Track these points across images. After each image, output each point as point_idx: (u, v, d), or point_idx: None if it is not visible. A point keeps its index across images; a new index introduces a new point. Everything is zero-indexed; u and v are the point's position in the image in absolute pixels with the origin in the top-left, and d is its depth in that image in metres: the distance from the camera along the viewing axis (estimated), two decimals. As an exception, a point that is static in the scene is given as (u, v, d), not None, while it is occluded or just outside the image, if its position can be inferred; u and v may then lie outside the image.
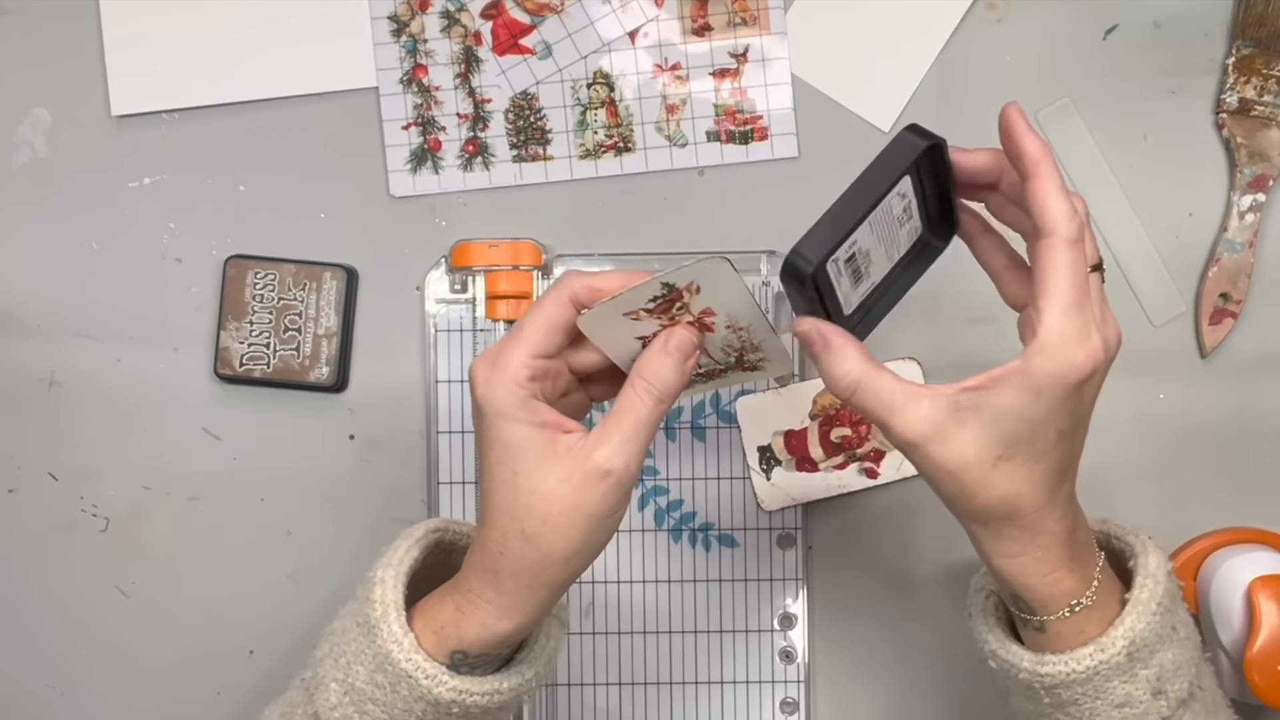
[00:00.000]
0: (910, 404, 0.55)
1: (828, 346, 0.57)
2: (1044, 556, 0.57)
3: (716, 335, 0.60)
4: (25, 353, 0.78)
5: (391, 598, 0.59)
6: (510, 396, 0.57)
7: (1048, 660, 0.58)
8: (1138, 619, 0.57)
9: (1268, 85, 0.76)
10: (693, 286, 0.57)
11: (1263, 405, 0.77)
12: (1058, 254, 0.54)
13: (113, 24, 0.78)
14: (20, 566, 0.78)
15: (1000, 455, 0.55)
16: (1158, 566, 0.59)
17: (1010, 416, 0.54)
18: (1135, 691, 0.57)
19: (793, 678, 0.77)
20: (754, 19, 0.77)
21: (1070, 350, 0.54)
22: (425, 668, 0.57)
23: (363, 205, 0.78)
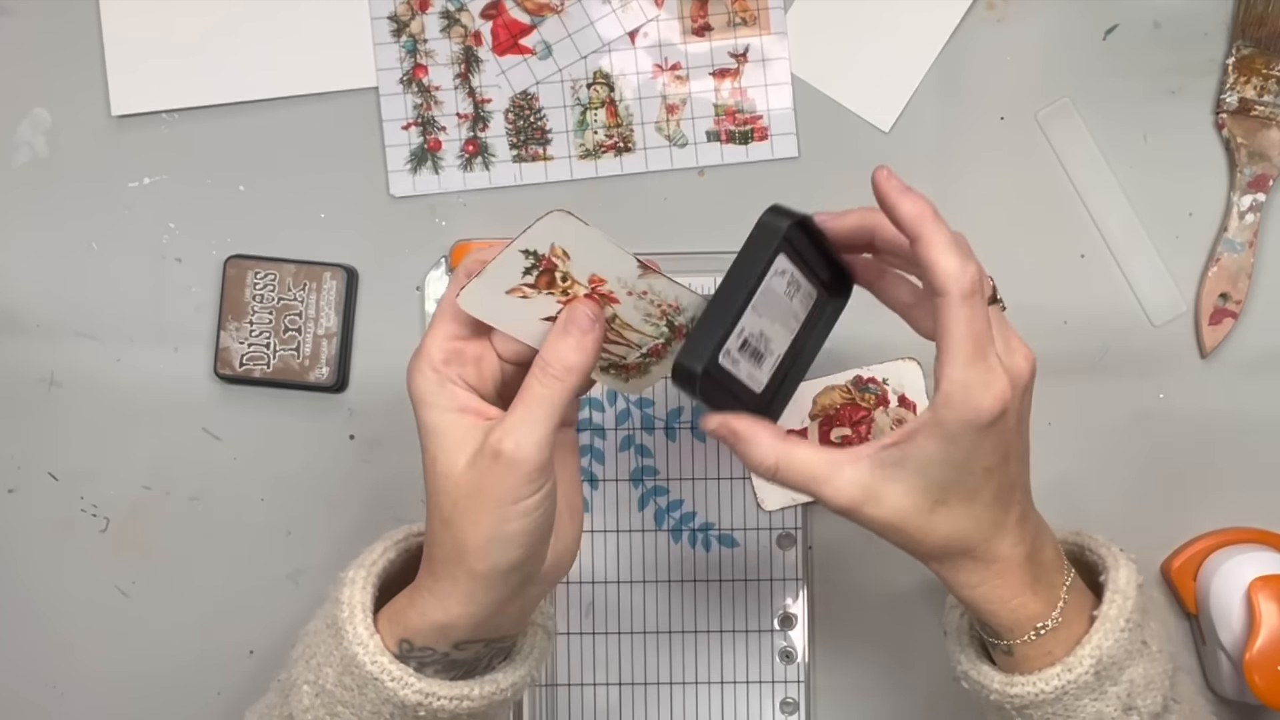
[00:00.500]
0: (834, 473, 0.57)
1: (738, 438, 0.58)
2: (1003, 584, 0.58)
3: (625, 305, 0.58)
4: (25, 353, 0.78)
5: (359, 599, 0.58)
6: (426, 382, 0.57)
7: (1017, 681, 0.58)
8: (1105, 636, 0.57)
9: (1268, 85, 0.76)
10: (555, 250, 0.56)
11: (1263, 405, 0.77)
12: (953, 312, 0.54)
13: (113, 24, 0.78)
14: (20, 566, 0.78)
15: (935, 500, 0.56)
16: (1127, 581, 0.59)
17: (933, 464, 0.55)
18: (1106, 709, 0.58)
19: (793, 678, 0.77)
20: (754, 19, 0.77)
21: (975, 398, 0.54)
22: (390, 670, 0.57)
23: (363, 205, 0.78)
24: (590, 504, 0.77)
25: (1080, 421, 0.76)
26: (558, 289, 0.57)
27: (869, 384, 0.76)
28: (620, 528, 0.77)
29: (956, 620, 0.64)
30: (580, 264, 0.57)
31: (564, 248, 0.56)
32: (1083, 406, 0.77)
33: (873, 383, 0.76)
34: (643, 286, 0.58)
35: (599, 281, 0.57)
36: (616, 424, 0.76)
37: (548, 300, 0.57)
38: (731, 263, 0.57)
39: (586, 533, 0.77)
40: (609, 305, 0.58)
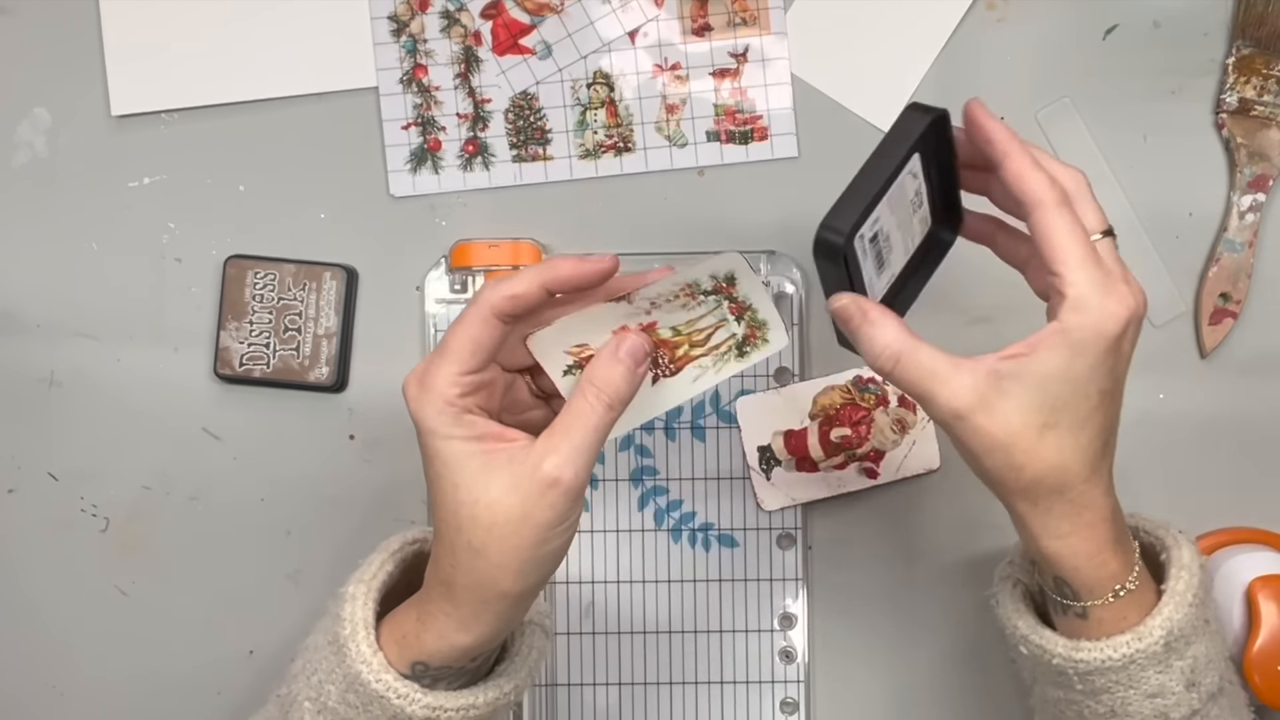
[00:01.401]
0: (954, 375, 0.55)
1: (866, 318, 0.56)
2: (1091, 535, 0.57)
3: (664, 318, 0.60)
4: (25, 353, 0.78)
5: (361, 615, 0.58)
6: (441, 415, 0.56)
7: (1083, 646, 0.58)
8: (1175, 609, 0.57)
9: (1268, 85, 0.76)
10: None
11: (1263, 405, 0.77)
12: (1049, 219, 0.54)
13: (113, 24, 0.78)
14: (20, 566, 0.78)
15: (1045, 422, 0.54)
16: (1192, 559, 0.59)
17: (1054, 379, 0.54)
18: (1169, 682, 0.58)
19: (793, 678, 0.77)
20: (754, 19, 0.77)
21: (1101, 300, 0.54)
22: (396, 687, 0.56)
23: (363, 205, 0.78)
24: (590, 504, 0.77)
25: (1080, 421, 0.76)
26: None
27: (869, 384, 0.76)
28: (620, 528, 0.77)
29: (1009, 590, 0.63)
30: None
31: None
32: (1083, 406, 0.76)
33: (873, 383, 0.76)
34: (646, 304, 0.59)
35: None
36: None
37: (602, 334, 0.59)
38: (870, 154, 0.57)
39: (586, 533, 0.77)
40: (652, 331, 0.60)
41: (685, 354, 0.61)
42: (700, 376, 0.61)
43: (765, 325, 0.60)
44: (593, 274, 0.58)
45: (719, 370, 0.61)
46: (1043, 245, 0.55)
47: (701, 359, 0.61)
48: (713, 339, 0.61)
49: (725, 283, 0.59)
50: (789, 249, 0.77)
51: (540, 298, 0.57)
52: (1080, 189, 0.57)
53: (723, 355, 0.61)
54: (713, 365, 0.61)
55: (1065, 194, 0.55)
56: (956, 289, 0.77)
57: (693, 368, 0.61)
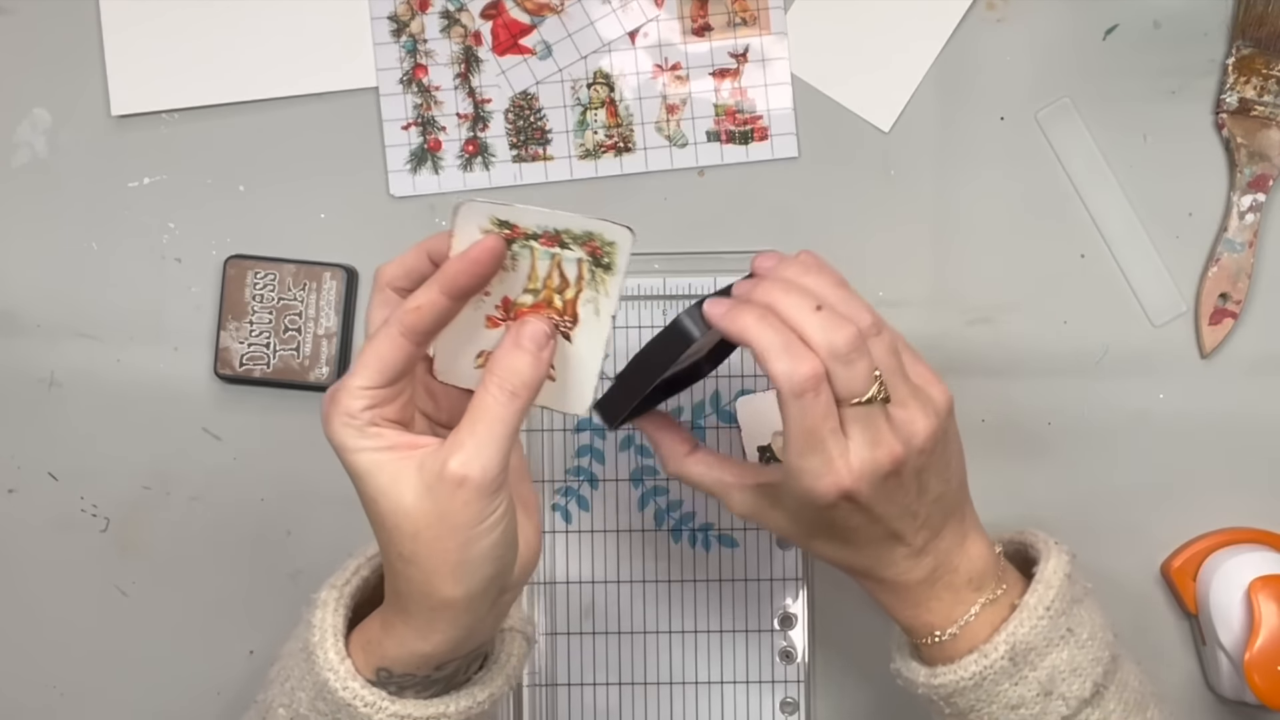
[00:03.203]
0: (726, 494, 0.63)
1: (652, 442, 0.65)
2: (895, 600, 0.62)
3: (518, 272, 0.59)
4: (25, 353, 0.78)
5: (330, 622, 0.58)
6: (345, 429, 0.55)
7: (939, 671, 0.61)
8: (1020, 624, 0.60)
9: (1268, 85, 0.76)
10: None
11: (1263, 405, 0.77)
12: (786, 409, 0.57)
13: (113, 24, 0.78)
14: (20, 566, 0.78)
15: (810, 535, 0.61)
16: (1053, 571, 0.61)
17: (798, 512, 0.60)
18: (1026, 693, 0.60)
19: (793, 678, 0.77)
20: (754, 19, 0.77)
21: (808, 484, 0.57)
22: (363, 695, 0.56)
23: (363, 205, 0.78)
24: (590, 504, 0.77)
25: (1080, 421, 0.76)
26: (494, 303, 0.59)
27: (869, 384, 0.76)
28: (620, 528, 0.77)
29: (898, 634, 0.66)
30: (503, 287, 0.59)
31: None
32: (1083, 406, 0.77)
33: (873, 383, 0.76)
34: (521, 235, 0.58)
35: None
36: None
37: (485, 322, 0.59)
38: (646, 346, 0.60)
39: (586, 533, 0.77)
40: (514, 306, 0.59)
41: (565, 302, 0.59)
42: (596, 306, 0.59)
43: (594, 234, 0.58)
44: (476, 263, 0.56)
45: (602, 291, 0.59)
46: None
47: (580, 295, 0.59)
48: (566, 274, 0.58)
49: (506, 228, 0.58)
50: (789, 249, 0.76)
51: (443, 305, 0.56)
52: (853, 349, 0.57)
53: (591, 281, 0.59)
54: (595, 294, 0.59)
55: (805, 380, 0.56)
56: (958, 289, 0.77)
57: (580, 307, 0.59)
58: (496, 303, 0.59)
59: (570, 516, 0.77)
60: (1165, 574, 0.76)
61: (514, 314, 0.59)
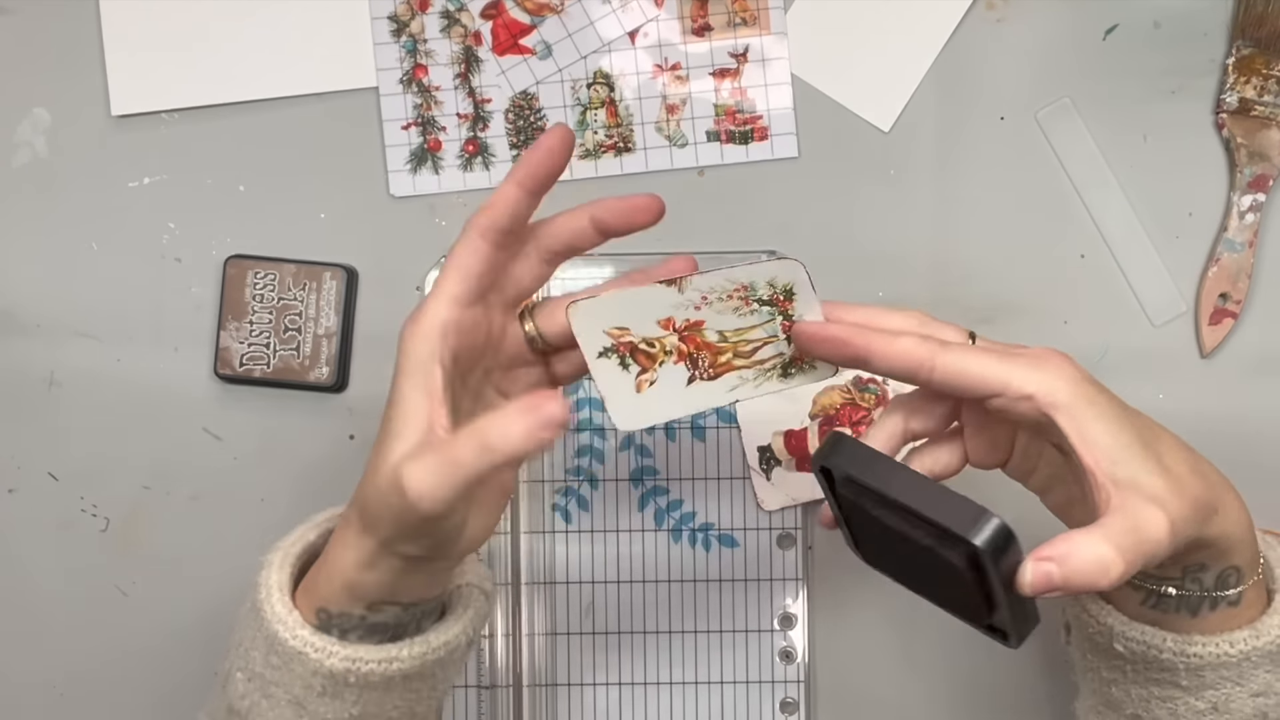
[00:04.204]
0: (1135, 519, 0.52)
1: (1063, 562, 0.51)
2: (1242, 503, 0.59)
3: (710, 318, 0.58)
4: (25, 353, 0.78)
5: (275, 579, 0.58)
6: (417, 352, 0.55)
7: (1196, 640, 0.58)
8: None
9: (1268, 85, 0.76)
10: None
11: (1263, 405, 0.77)
12: (957, 359, 0.55)
13: (113, 24, 0.78)
14: (20, 566, 0.78)
15: (1157, 459, 0.55)
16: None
17: (1111, 433, 0.55)
18: (1276, 682, 0.58)
19: (793, 678, 0.77)
20: (754, 19, 0.77)
21: (1052, 374, 0.55)
22: (313, 641, 0.56)
23: (363, 205, 0.78)
24: (590, 504, 0.77)
25: (1080, 421, 0.76)
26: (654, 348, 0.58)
27: (869, 384, 0.76)
28: (620, 528, 0.77)
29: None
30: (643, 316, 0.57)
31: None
32: (1083, 406, 0.76)
33: (872, 383, 0.76)
34: (697, 297, 0.58)
35: (669, 324, 0.58)
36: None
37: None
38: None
39: (586, 533, 0.77)
40: (698, 331, 0.58)
41: (728, 362, 0.59)
42: (738, 387, 0.60)
43: (774, 282, 0.59)
44: (550, 152, 0.56)
45: (758, 385, 0.59)
46: (968, 381, 0.55)
47: (743, 369, 0.59)
48: (759, 353, 0.59)
49: (783, 295, 0.58)
50: (789, 249, 0.77)
51: (517, 197, 0.56)
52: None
53: (766, 371, 0.59)
54: (753, 379, 0.59)
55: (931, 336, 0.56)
56: (957, 290, 0.77)
57: (732, 376, 0.59)
58: (689, 316, 0.58)
59: (570, 516, 0.77)
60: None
61: (688, 337, 0.58)
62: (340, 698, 0.57)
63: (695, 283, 0.57)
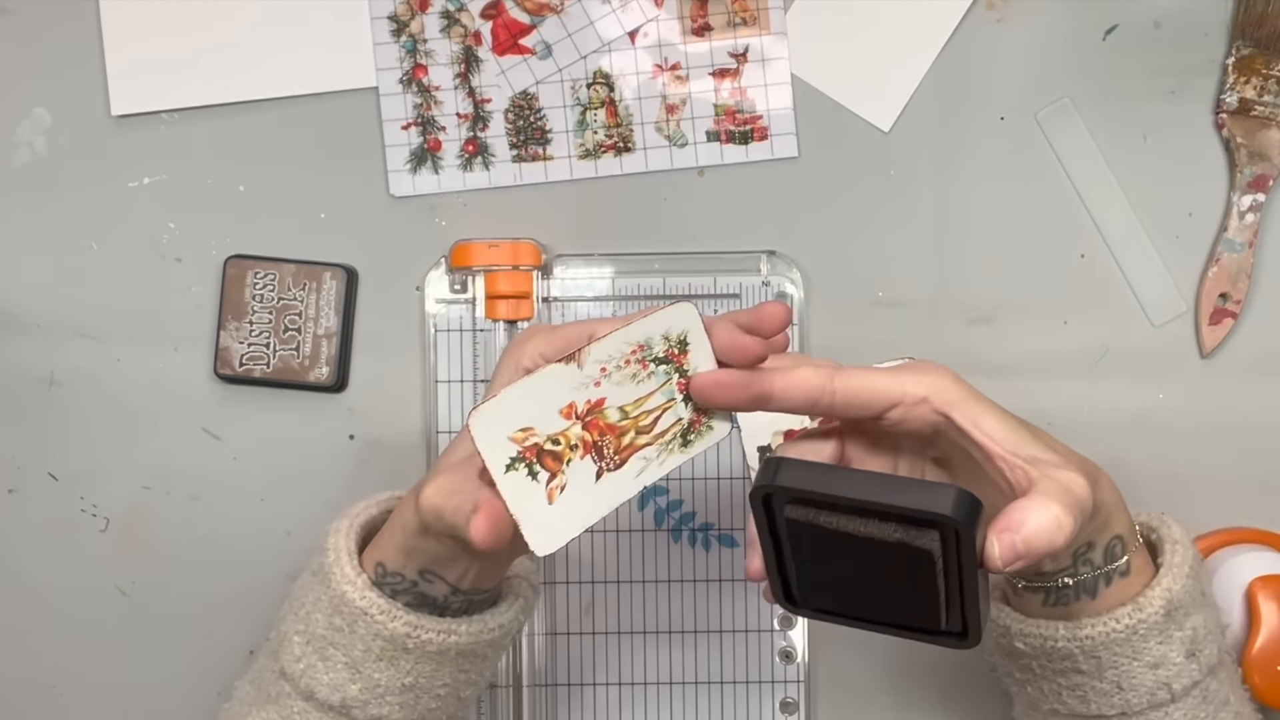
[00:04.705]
0: (1061, 499, 0.54)
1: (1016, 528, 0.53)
2: (1112, 482, 0.60)
3: (611, 393, 0.57)
4: (25, 353, 0.78)
5: (344, 544, 0.62)
6: (508, 372, 0.60)
7: (1086, 624, 0.60)
8: (1174, 580, 0.60)
9: (1268, 85, 0.76)
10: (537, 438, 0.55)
11: (1263, 405, 0.77)
12: (850, 379, 0.57)
13: (113, 24, 0.78)
14: (20, 566, 0.78)
15: (1048, 447, 0.57)
16: (1182, 534, 0.62)
17: (1007, 430, 0.56)
18: (1170, 653, 0.60)
19: (793, 678, 0.77)
20: (754, 19, 0.77)
21: (928, 382, 0.57)
22: (379, 604, 0.60)
23: (363, 205, 0.78)
24: (590, 504, 0.77)
25: (1080, 421, 0.76)
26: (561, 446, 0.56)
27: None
28: (620, 528, 0.77)
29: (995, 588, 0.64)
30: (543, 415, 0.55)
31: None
32: (1083, 406, 0.77)
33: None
34: (596, 370, 0.56)
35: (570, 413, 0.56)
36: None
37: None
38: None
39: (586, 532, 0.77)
40: (599, 412, 0.56)
41: (631, 443, 0.57)
42: (645, 470, 0.58)
43: (710, 412, 0.59)
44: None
45: (662, 463, 0.58)
46: (867, 398, 0.56)
47: (646, 449, 0.58)
48: (659, 424, 0.58)
49: (677, 349, 0.57)
50: (789, 249, 0.77)
51: None
52: None
53: (667, 445, 0.58)
54: (656, 457, 0.58)
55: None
56: (958, 289, 0.77)
57: (637, 459, 0.57)
58: (589, 396, 0.56)
59: (570, 516, 0.77)
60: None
61: (590, 423, 0.56)
62: (396, 664, 0.60)
63: (594, 353, 0.55)
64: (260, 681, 0.64)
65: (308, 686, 0.61)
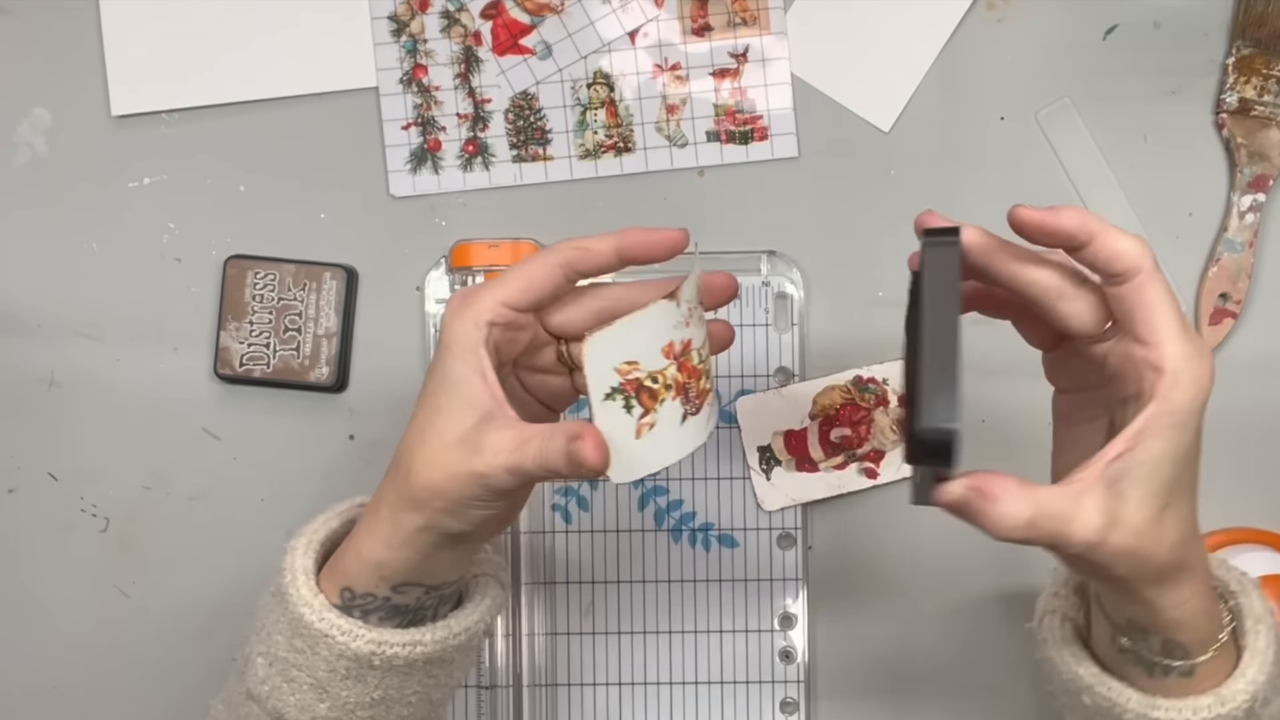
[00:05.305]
0: (1077, 507, 0.51)
1: (986, 499, 0.50)
2: (1204, 590, 0.55)
3: (696, 334, 0.57)
4: (25, 353, 0.78)
5: (300, 564, 0.59)
6: (468, 332, 0.56)
7: (1160, 705, 0.55)
8: (1259, 670, 0.55)
9: (1268, 85, 0.76)
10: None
11: (1263, 405, 0.77)
12: (1150, 287, 0.52)
13: (113, 24, 0.78)
14: (20, 566, 0.78)
15: (1164, 506, 0.51)
16: (1264, 609, 0.57)
17: (1166, 462, 0.51)
18: None
19: (793, 678, 0.77)
20: (754, 19, 0.77)
21: (1201, 371, 0.51)
22: (339, 624, 0.57)
23: (363, 205, 0.78)
24: (590, 504, 0.77)
25: (1080, 421, 0.76)
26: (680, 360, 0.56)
27: (869, 384, 0.76)
28: (620, 528, 0.77)
29: (1059, 629, 0.60)
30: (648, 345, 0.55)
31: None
32: (1083, 406, 0.77)
33: (872, 383, 0.76)
34: (685, 310, 0.56)
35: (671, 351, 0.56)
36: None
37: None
38: (923, 307, 0.51)
39: (586, 533, 0.77)
40: (688, 354, 0.56)
41: (703, 388, 0.58)
42: (711, 417, 0.58)
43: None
44: (659, 245, 0.58)
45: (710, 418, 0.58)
46: (1140, 312, 0.52)
47: (710, 395, 0.58)
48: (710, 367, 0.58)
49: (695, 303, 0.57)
50: (789, 249, 0.77)
51: (609, 260, 0.58)
52: None
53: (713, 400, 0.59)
54: (717, 405, 0.58)
55: (1156, 259, 0.52)
56: (956, 289, 0.77)
57: (708, 406, 0.58)
58: (683, 336, 0.55)
59: (570, 516, 0.77)
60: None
61: (683, 363, 0.56)
62: (363, 680, 0.58)
63: (684, 292, 0.55)
64: (231, 702, 0.63)
65: (275, 708, 0.60)
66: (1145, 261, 0.52)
